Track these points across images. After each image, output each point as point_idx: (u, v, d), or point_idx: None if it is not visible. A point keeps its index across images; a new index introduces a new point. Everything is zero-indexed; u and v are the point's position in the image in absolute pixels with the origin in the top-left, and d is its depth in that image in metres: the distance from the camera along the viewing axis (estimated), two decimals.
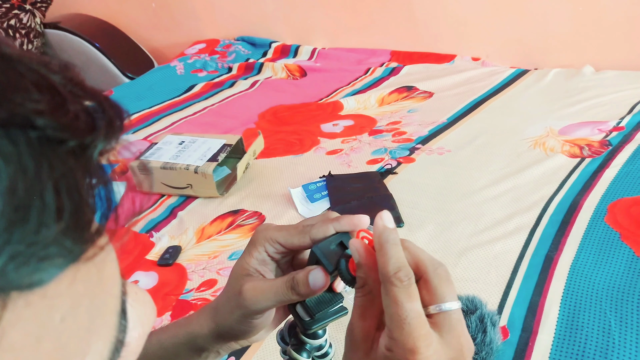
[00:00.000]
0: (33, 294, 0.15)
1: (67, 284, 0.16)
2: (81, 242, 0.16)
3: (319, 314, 0.38)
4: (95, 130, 0.17)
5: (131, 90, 1.83)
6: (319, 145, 1.35)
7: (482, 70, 1.68)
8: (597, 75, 1.54)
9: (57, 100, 0.16)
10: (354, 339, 0.34)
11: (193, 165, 1.15)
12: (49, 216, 0.15)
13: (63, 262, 0.15)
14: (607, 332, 0.71)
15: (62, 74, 0.17)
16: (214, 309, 0.41)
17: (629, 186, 1.01)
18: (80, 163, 0.16)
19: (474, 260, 0.88)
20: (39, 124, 0.15)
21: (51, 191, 0.15)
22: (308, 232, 0.37)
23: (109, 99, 0.18)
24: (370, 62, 1.86)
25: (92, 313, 0.17)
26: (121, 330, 0.19)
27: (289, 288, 0.37)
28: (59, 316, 0.16)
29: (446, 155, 1.23)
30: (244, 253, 0.40)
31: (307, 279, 0.36)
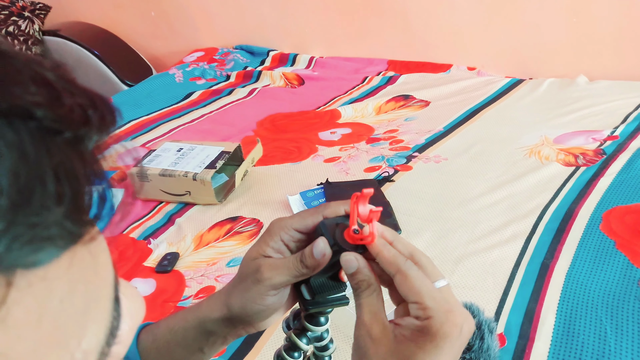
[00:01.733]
0: (34, 275, 0.16)
1: (64, 267, 0.17)
2: (80, 225, 0.17)
3: (319, 295, 0.40)
4: (89, 123, 0.18)
5: (130, 98, 1.83)
6: (316, 153, 1.35)
7: (478, 79, 1.70)
8: (591, 85, 1.56)
9: (53, 93, 0.17)
10: (375, 336, 0.36)
11: (191, 172, 1.16)
12: (49, 199, 0.16)
13: (64, 243, 0.17)
14: (603, 339, 0.71)
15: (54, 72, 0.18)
16: (226, 293, 0.42)
17: (623, 194, 1.02)
18: (76, 153, 0.17)
19: (471, 267, 0.89)
20: (38, 115, 0.16)
21: (51, 176, 0.16)
22: (321, 211, 0.40)
23: (100, 96, 0.20)
24: (367, 71, 1.88)
25: (88, 297, 0.18)
26: (115, 316, 0.20)
27: (299, 261, 0.39)
28: (57, 298, 0.17)
29: (443, 163, 1.24)
30: (259, 241, 0.41)
31: (311, 250, 0.38)
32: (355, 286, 0.37)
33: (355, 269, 0.37)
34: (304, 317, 0.42)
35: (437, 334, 0.34)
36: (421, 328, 0.34)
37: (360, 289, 0.37)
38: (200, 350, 0.45)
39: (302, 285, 0.41)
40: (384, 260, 0.37)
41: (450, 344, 0.34)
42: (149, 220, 1.15)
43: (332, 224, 0.39)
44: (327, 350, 0.45)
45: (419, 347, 0.34)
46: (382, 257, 0.37)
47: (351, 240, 0.37)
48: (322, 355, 0.45)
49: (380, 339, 0.35)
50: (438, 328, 0.34)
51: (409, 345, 0.34)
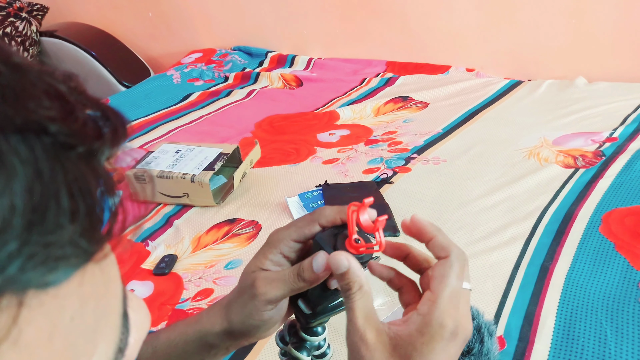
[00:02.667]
0: (46, 294, 0.15)
1: (76, 284, 0.17)
2: (94, 243, 0.17)
3: (319, 307, 0.39)
4: (102, 137, 0.18)
5: (127, 99, 1.83)
6: (315, 154, 1.35)
7: (477, 81, 1.69)
8: (590, 87, 1.56)
9: (67, 107, 0.17)
10: (369, 342, 0.34)
11: (189, 174, 1.15)
12: (64, 217, 0.15)
13: (77, 261, 0.16)
14: (603, 342, 0.71)
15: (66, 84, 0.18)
16: (226, 307, 0.42)
17: (623, 196, 1.02)
18: (90, 168, 0.17)
19: (471, 270, 0.87)
20: (52, 130, 0.16)
21: (65, 194, 0.15)
22: (317, 219, 0.39)
23: (112, 108, 0.19)
24: (365, 73, 1.87)
25: (98, 314, 0.18)
26: (124, 331, 0.20)
27: (296, 275, 0.38)
28: (69, 316, 0.16)
29: (442, 165, 1.23)
30: (258, 254, 0.41)
31: (310, 264, 0.37)
32: (346, 287, 0.35)
33: (346, 269, 0.35)
34: (301, 329, 0.42)
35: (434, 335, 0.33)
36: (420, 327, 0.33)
37: (351, 290, 0.35)
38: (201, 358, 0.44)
39: (299, 300, 0.40)
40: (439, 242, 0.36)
41: (442, 346, 0.33)
42: (146, 222, 1.15)
43: (329, 235, 0.38)
44: (325, 357, 0.44)
45: (416, 350, 0.33)
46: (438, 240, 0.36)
47: (354, 250, 0.36)
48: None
49: (375, 344, 0.34)
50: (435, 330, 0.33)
51: (406, 348, 0.33)
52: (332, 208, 0.39)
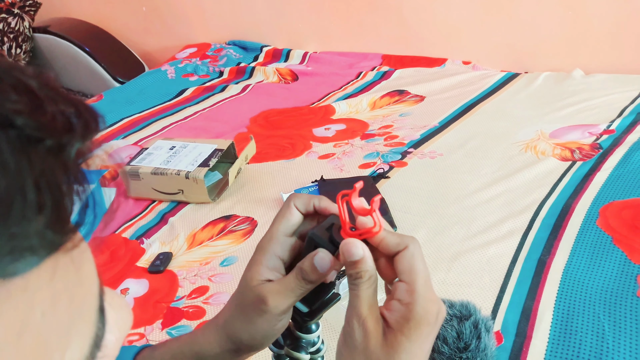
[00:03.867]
0: (14, 285, 0.15)
1: (46, 279, 0.16)
2: (62, 234, 0.17)
3: (317, 303, 0.39)
4: (72, 131, 0.18)
5: (121, 95, 1.81)
6: (311, 149, 1.34)
7: (473, 74, 1.68)
8: (586, 79, 1.55)
9: (35, 101, 0.17)
10: (369, 330, 0.35)
11: (184, 171, 1.14)
12: (30, 210, 0.15)
13: (44, 252, 0.16)
14: (601, 336, 0.71)
15: (37, 79, 0.18)
16: (224, 326, 0.41)
17: (620, 189, 1.01)
18: (59, 161, 0.17)
19: (467, 264, 0.88)
20: (18, 123, 0.16)
21: (32, 186, 0.15)
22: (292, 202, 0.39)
23: (84, 103, 0.19)
24: (361, 66, 1.86)
25: (72, 310, 0.18)
26: (100, 327, 0.20)
27: (301, 279, 0.37)
28: (39, 311, 0.16)
29: (438, 159, 1.23)
30: (252, 264, 0.40)
31: (313, 264, 0.37)
32: (356, 275, 0.35)
33: (360, 257, 0.35)
34: (296, 329, 0.42)
35: (420, 321, 0.34)
36: (404, 314, 0.34)
37: (361, 279, 0.35)
38: None
39: None
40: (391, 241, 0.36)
41: (428, 330, 0.35)
42: (141, 220, 1.14)
43: (322, 229, 0.38)
44: (319, 352, 0.44)
45: (404, 336, 0.34)
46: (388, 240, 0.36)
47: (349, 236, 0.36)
48: (316, 357, 0.44)
49: (372, 332, 0.35)
50: (422, 315, 0.34)
51: (395, 334, 0.34)
52: (304, 195, 0.40)
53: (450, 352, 0.63)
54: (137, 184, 1.18)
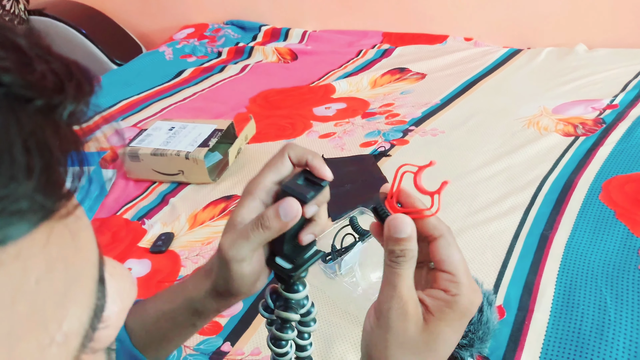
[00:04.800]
0: (6, 253, 0.15)
1: (40, 245, 0.16)
2: (54, 199, 0.16)
3: (298, 259, 0.40)
4: (64, 91, 0.17)
5: (119, 77, 1.79)
6: (311, 129, 1.33)
7: (475, 50, 1.66)
8: (590, 54, 1.53)
9: (23, 59, 0.16)
10: (410, 313, 0.34)
11: (184, 151, 1.13)
12: (18, 171, 0.15)
13: (35, 217, 0.16)
14: (602, 309, 0.71)
15: (27, 39, 0.17)
16: (208, 270, 0.42)
17: (623, 164, 1.00)
18: (49, 123, 0.16)
19: (470, 240, 0.87)
20: (5, 81, 0.15)
21: (20, 147, 0.15)
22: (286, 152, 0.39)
23: (77, 63, 0.18)
24: (361, 44, 1.84)
25: (68, 278, 0.17)
26: (100, 297, 0.19)
27: (258, 227, 0.38)
28: (33, 278, 0.16)
29: (440, 136, 1.22)
30: (235, 208, 0.40)
31: (277, 211, 0.37)
32: (400, 253, 0.34)
33: (408, 235, 0.34)
34: (284, 290, 0.42)
35: (464, 312, 0.34)
36: (450, 304, 0.33)
37: (404, 257, 0.34)
38: (193, 326, 0.45)
39: (277, 258, 0.41)
40: (430, 222, 0.35)
41: (467, 319, 0.35)
42: (142, 201, 1.13)
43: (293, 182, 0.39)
44: (310, 314, 0.45)
45: (446, 324, 0.34)
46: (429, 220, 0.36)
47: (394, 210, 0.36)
48: (307, 320, 0.45)
49: (412, 316, 0.34)
50: (466, 307, 0.34)
51: (437, 322, 0.34)
52: (299, 147, 0.39)
53: None
54: (137, 165, 1.17)
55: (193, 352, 0.74)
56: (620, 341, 0.66)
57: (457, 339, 0.35)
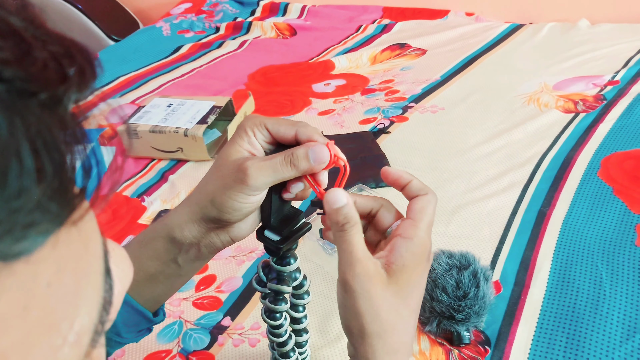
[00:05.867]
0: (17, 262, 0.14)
1: (50, 248, 0.15)
2: (66, 205, 0.15)
3: (285, 230, 0.41)
4: (67, 80, 0.15)
5: (116, 53, 1.77)
6: (310, 105, 1.32)
7: (476, 25, 1.64)
8: (592, 29, 1.51)
9: (22, 47, 0.14)
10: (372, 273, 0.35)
11: (182, 128, 1.13)
12: (29, 178, 0.13)
13: (49, 227, 0.15)
14: (598, 284, 0.72)
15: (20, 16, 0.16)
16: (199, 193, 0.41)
17: (622, 140, 1.00)
18: (55, 117, 0.15)
19: (467, 217, 0.88)
20: (6, 76, 0.14)
21: (28, 150, 0.13)
22: (296, 126, 0.40)
23: (77, 43, 0.17)
24: (361, 20, 1.81)
25: (78, 275, 0.16)
26: (107, 289, 0.19)
27: (288, 163, 0.38)
28: (44, 282, 0.15)
29: (439, 113, 1.21)
30: (234, 140, 0.40)
31: (306, 153, 0.38)
32: (344, 220, 0.36)
33: (344, 203, 0.36)
34: (275, 263, 0.43)
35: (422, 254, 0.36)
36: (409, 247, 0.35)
37: (349, 223, 0.36)
38: (175, 262, 0.43)
39: (265, 231, 0.42)
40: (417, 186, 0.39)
41: (424, 266, 0.37)
42: (141, 178, 1.14)
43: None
44: (303, 287, 0.46)
45: (410, 270, 0.35)
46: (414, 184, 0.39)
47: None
48: (300, 293, 0.46)
49: (375, 275, 0.35)
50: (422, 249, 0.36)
51: (399, 270, 0.35)
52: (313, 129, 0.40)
53: (449, 301, 0.64)
54: (136, 142, 1.17)
55: (194, 327, 0.75)
56: (614, 316, 0.67)
57: (424, 285, 0.37)
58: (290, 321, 0.48)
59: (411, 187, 0.39)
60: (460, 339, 0.65)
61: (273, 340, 0.48)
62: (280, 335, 0.47)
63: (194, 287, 0.81)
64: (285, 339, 0.48)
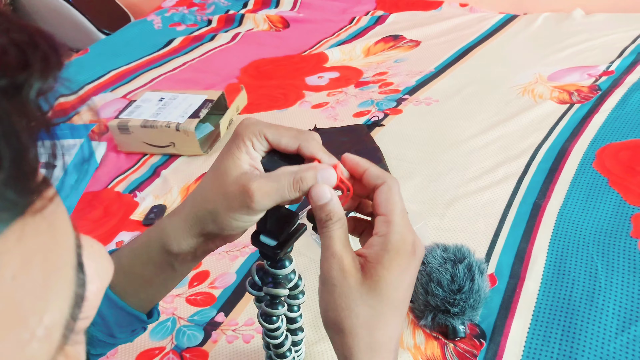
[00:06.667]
0: None
1: (14, 240, 0.15)
2: (26, 193, 0.15)
3: (282, 235, 0.40)
4: (29, 67, 0.15)
5: (107, 47, 1.75)
6: (303, 99, 1.31)
7: (470, 16, 1.63)
8: (587, 19, 1.50)
9: None
10: (346, 268, 0.35)
11: (174, 123, 1.12)
12: None
13: (7, 216, 0.14)
14: (593, 276, 0.71)
15: None
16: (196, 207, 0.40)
17: (617, 131, 1.00)
18: (15, 105, 0.14)
19: (462, 210, 0.87)
20: None
21: None
22: (299, 140, 0.39)
23: (43, 31, 0.16)
24: (355, 11, 1.79)
25: (47, 269, 0.16)
26: (80, 284, 0.18)
27: (297, 189, 0.37)
28: (9, 274, 0.14)
29: (434, 105, 1.20)
30: (232, 147, 0.39)
31: (315, 178, 0.37)
32: (326, 217, 0.36)
33: (329, 199, 0.36)
34: (270, 267, 0.42)
35: (398, 249, 0.35)
36: (383, 245, 0.35)
37: (331, 220, 0.36)
38: (171, 267, 0.43)
39: (261, 236, 0.41)
40: (374, 173, 0.37)
41: (407, 261, 0.35)
42: (133, 174, 1.12)
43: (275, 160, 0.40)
44: (298, 287, 0.45)
45: (383, 267, 0.35)
46: (371, 171, 0.38)
47: None
48: (295, 293, 0.45)
49: (350, 270, 0.35)
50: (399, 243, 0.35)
51: (375, 266, 0.35)
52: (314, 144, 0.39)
53: (444, 294, 0.63)
54: (127, 137, 1.16)
55: (187, 323, 0.74)
56: (609, 307, 0.67)
57: (403, 283, 0.35)
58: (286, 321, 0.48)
59: (368, 174, 0.38)
60: (456, 332, 0.65)
61: (270, 342, 0.47)
62: (277, 337, 0.46)
63: (187, 284, 0.81)
64: (282, 340, 0.47)
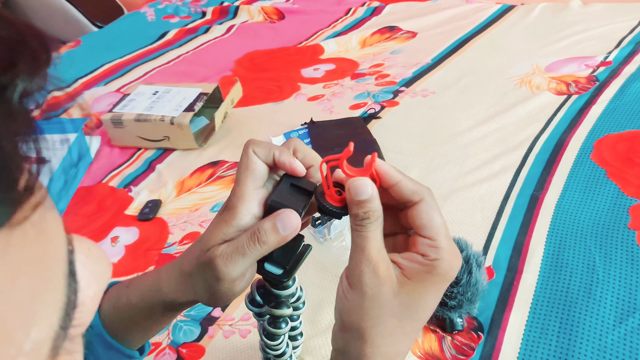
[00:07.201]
0: None
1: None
2: (8, 204, 0.13)
3: (289, 263, 0.38)
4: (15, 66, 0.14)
5: (100, 40, 1.73)
6: (299, 91, 1.30)
7: (467, 7, 1.61)
8: (584, 9, 1.49)
9: None
10: (382, 275, 0.33)
11: (168, 116, 1.10)
12: None
13: None
14: (591, 268, 0.71)
15: None
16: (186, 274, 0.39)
17: (615, 122, 0.99)
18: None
19: (459, 202, 0.87)
20: None
21: None
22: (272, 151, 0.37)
23: (32, 27, 0.15)
24: (350, 2, 1.78)
25: (35, 280, 0.15)
26: (71, 292, 0.17)
27: (255, 242, 0.35)
28: None
29: (430, 97, 1.19)
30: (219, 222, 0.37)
31: (274, 225, 0.35)
32: (364, 216, 0.33)
33: (370, 195, 0.33)
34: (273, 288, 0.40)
35: (444, 276, 0.33)
36: (429, 268, 0.32)
37: (369, 219, 0.33)
38: (169, 317, 0.44)
39: (266, 263, 0.38)
40: (408, 187, 0.33)
41: (446, 284, 0.34)
42: (128, 168, 1.11)
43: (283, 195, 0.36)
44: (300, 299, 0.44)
45: (425, 288, 0.33)
46: (404, 184, 0.33)
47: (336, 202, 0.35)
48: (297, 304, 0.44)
49: (385, 278, 0.33)
50: (446, 271, 0.33)
51: (415, 286, 0.33)
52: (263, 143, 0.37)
53: None
54: (121, 131, 1.14)
55: (184, 319, 0.74)
56: (607, 299, 0.66)
57: (436, 302, 0.35)
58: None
59: (402, 188, 0.34)
60: (453, 325, 0.64)
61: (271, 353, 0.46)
62: (278, 349, 0.46)
63: None
64: (283, 350, 0.46)
